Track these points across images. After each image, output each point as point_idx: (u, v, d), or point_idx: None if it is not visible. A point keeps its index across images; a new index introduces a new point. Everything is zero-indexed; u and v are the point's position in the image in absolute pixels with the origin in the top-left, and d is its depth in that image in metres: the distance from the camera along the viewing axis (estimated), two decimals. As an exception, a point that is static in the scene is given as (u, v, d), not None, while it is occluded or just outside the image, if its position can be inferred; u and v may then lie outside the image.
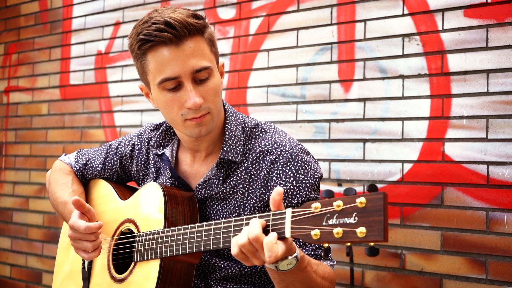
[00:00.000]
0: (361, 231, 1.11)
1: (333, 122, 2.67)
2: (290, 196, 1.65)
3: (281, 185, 1.65)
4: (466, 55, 2.33)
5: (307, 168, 1.68)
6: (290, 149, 1.69)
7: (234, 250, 1.35)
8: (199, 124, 1.64)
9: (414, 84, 2.45)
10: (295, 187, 1.65)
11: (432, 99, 2.40)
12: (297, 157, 1.68)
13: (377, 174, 2.53)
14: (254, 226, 1.30)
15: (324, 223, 1.19)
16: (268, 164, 1.69)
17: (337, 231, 1.15)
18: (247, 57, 2.98)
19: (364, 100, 2.58)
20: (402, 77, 2.48)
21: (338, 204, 1.17)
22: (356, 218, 1.13)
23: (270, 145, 1.72)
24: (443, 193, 2.35)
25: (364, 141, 2.57)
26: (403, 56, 2.48)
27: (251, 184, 1.71)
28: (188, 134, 1.69)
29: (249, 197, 1.71)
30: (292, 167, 1.66)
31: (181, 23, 1.58)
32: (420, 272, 2.39)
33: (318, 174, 1.70)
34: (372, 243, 1.12)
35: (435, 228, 2.37)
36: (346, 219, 1.15)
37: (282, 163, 1.67)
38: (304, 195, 1.65)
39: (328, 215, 1.19)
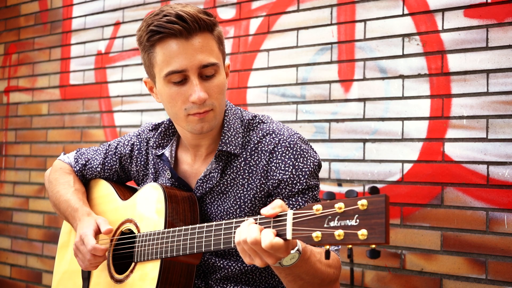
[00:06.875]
0: (362, 233, 1.11)
1: (333, 122, 2.67)
2: (290, 185, 1.66)
3: (280, 174, 1.66)
4: (466, 55, 2.33)
5: (306, 156, 1.69)
6: (288, 137, 1.70)
7: (236, 243, 1.37)
8: (201, 120, 1.65)
9: (414, 84, 2.45)
10: (295, 176, 1.66)
11: (432, 99, 2.40)
12: (296, 146, 1.69)
13: (377, 174, 2.53)
14: (252, 231, 1.31)
15: (325, 225, 1.19)
16: (267, 153, 1.70)
17: (339, 233, 1.15)
18: (247, 57, 2.98)
19: (364, 100, 2.58)
20: (402, 77, 2.48)
21: (339, 206, 1.17)
22: (358, 220, 1.13)
23: (268, 135, 1.73)
24: (443, 193, 2.35)
25: (364, 141, 2.57)
26: (403, 56, 2.48)
27: (251, 175, 1.71)
28: (190, 130, 1.70)
29: (249, 188, 1.71)
30: (291, 156, 1.68)
31: (192, 17, 1.60)
32: (420, 272, 2.40)
33: (317, 161, 1.72)
34: (373, 246, 1.12)
35: (435, 228, 2.37)
36: (347, 221, 1.15)
37: (281, 152, 1.69)
38: (304, 183, 1.66)
39: (330, 217, 1.19)
